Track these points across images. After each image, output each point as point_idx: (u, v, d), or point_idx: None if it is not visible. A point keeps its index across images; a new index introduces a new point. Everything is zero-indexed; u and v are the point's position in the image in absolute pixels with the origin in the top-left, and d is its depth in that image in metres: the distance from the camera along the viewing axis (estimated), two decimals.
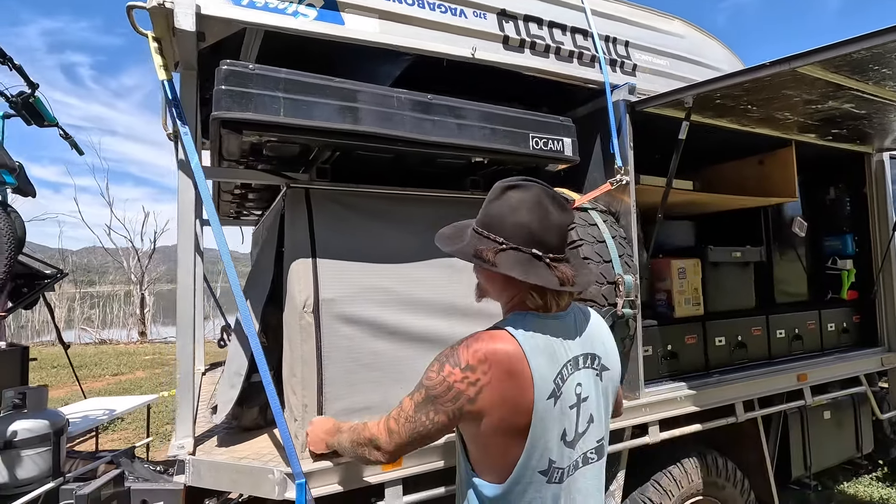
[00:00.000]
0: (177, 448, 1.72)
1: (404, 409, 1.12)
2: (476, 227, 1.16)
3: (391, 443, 1.14)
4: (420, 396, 1.08)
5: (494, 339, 1.04)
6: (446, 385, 1.03)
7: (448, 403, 1.03)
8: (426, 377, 1.08)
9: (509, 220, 1.09)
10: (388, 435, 1.14)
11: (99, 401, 4.90)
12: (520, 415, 1.00)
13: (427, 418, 1.07)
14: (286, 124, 1.59)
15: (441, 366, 1.05)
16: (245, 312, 1.59)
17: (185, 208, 1.80)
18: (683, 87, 2.12)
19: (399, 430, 1.12)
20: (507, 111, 1.99)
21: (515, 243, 1.08)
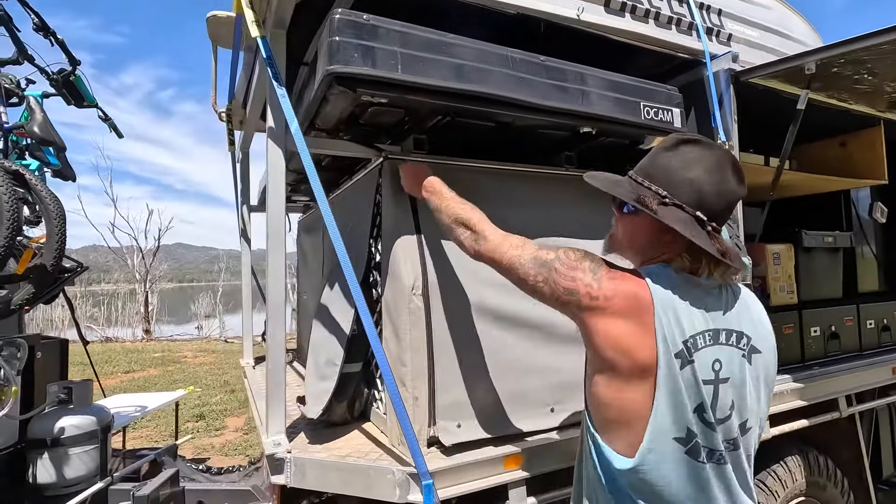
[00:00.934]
0: (273, 445, 1.55)
1: (526, 247, 1.15)
2: (635, 175, 1.07)
3: (489, 244, 1.20)
4: (546, 256, 1.08)
5: (628, 280, 0.98)
6: (572, 275, 1.02)
7: (559, 287, 1.03)
8: (563, 253, 1.06)
9: (679, 175, 1.00)
10: (495, 244, 1.19)
11: (127, 397, 4.72)
12: (639, 360, 0.92)
13: (534, 274, 1.08)
14: (405, 82, 1.42)
15: (582, 259, 1.04)
16: (358, 294, 1.42)
17: (276, 183, 1.63)
18: (805, 52, 1.95)
19: (503, 253, 1.16)
20: (621, 77, 1.82)
21: (680, 200, 0.98)
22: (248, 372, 2.93)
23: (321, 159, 2.28)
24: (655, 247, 1.03)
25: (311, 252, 3.07)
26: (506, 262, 1.14)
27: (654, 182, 1.02)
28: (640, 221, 1.04)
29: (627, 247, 1.10)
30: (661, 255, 1.02)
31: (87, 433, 2.55)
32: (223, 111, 2.81)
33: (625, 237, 1.10)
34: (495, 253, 1.18)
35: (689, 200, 0.98)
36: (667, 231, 0.98)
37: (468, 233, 1.28)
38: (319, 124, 1.70)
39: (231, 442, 5.78)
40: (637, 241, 1.07)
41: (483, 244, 1.22)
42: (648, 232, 1.03)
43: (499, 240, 1.20)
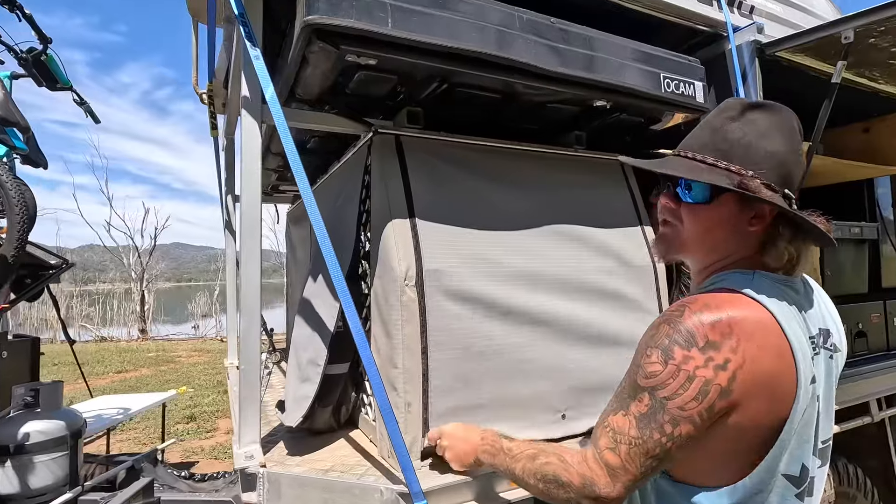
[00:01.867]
0: (244, 458, 1.36)
1: (620, 430, 0.78)
2: (699, 155, 0.85)
3: (618, 484, 0.77)
4: (642, 405, 0.76)
5: (734, 304, 0.76)
6: (684, 376, 0.73)
7: (692, 404, 0.73)
8: (643, 374, 0.77)
9: (760, 148, 0.82)
10: (611, 475, 0.78)
11: (110, 399, 4.52)
12: (778, 402, 0.74)
13: (663, 434, 0.74)
14: (396, 39, 1.22)
15: (664, 351, 0.75)
16: (342, 287, 1.22)
17: (251, 160, 1.43)
18: (842, 19, 1.76)
19: (626, 462, 0.77)
20: (639, 45, 1.63)
21: (767, 178, 0.81)
22: (231, 373, 2.74)
23: (306, 140, 2.09)
24: (731, 240, 0.84)
25: (300, 244, 2.87)
26: (639, 468, 0.76)
27: (732, 161, 0.82)
28: (718, 212, 0.84)
29: (698, 245, 0.88)
30: (737, 250, 0.84)
31: (54, 439, 2.35)
32: (204, 92, 2.61)
33: (694, 234, 0.87)
34: (619, 479, 0.77)
35: (776, 177, 0.81)
36: (749, 219, 0.82)
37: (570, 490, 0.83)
38: (300, 93, 1.51)
39: (222, 444, 5.58)
40: (713, 237, 0.85)
41: (602, 488, 0.79)
42: (729, 223, 0.84)
43: (598, 467, 0.80)
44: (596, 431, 0.82)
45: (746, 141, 0.82)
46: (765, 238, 0.82)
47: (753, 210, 0.82)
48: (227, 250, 2.98)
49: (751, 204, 0.81)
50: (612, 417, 0.80)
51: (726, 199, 0.83)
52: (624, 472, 0.77)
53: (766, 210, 0.81)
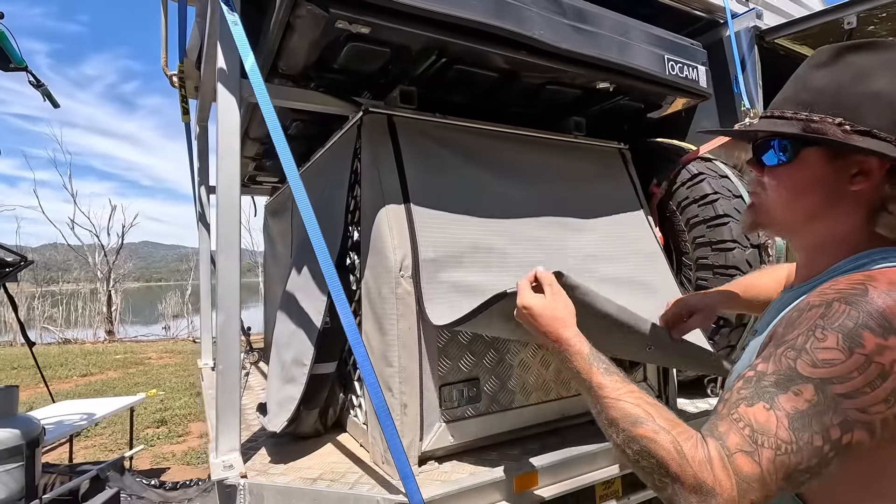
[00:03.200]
0: (222, 468, 1.22)
1: (762, 428, 0.58)
2: (777, 111, 0.71)
3: (752, 495, 0.56)
4: (800, 401, 0.57)
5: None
6: (876, 371, 0.55)
7: (879, 407, 0.54)
8: (810, 360, 0.57)
9: (856, 92, 0.66)
10: (740, 489, 0.57)
11: (73, 404, 4.26)
12: None
13: (826, 441, 0.55)
14: (393, 4, 1.11)
15: (847, 337, 0.56)
16: (333, 278, 1.10)
17: (228, 139, 1.29)
18: (844, 4, 1.72)
19: (767, 474, 0.56)
20: (644, 25, 1.56)
21: (866, 125, 0.64)
22: (205, 374, 2.57)
23: (287, 125, 1.95)
24: (835, 207, 0.69)
25: (280, 238, 2.72)
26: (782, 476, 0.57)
27: (815, 110, 0.68)
28: (804, 171, 0.70)
29: (788, 214, 0.73)
30: (850, 222, 0.68)
31: (7, 449, 2.15)
32: (174, 74, 2.43)
33: (782, 199, 0.72)
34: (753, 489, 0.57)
35: (880, 123, 0.65)
36: (850, 177, 0.67)
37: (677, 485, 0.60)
38: (283, 68, 1.38)
39: (194, 449, 5.33)
40: (805, 201, 0.70)
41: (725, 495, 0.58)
42: (821, 183, 0.69)
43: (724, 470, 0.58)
44: (718, 422, 0.61)
45: (836, 85, 0.68)
46: (876, 201, 0.66)
47: (854, 165, 0.66)
48: (200, 245, 2.80)
49: (846, 157, 0.66)
50: (745, 408, 0.59)
51: (810, 154, 0.68)
52: (760, 486, 0.57)
53: (871, 164, 0.64)
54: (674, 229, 1.86)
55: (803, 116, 0.68)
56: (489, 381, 1.39)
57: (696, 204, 1.77)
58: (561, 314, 0.83)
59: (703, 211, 1.74)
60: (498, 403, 1.40)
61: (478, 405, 1.37)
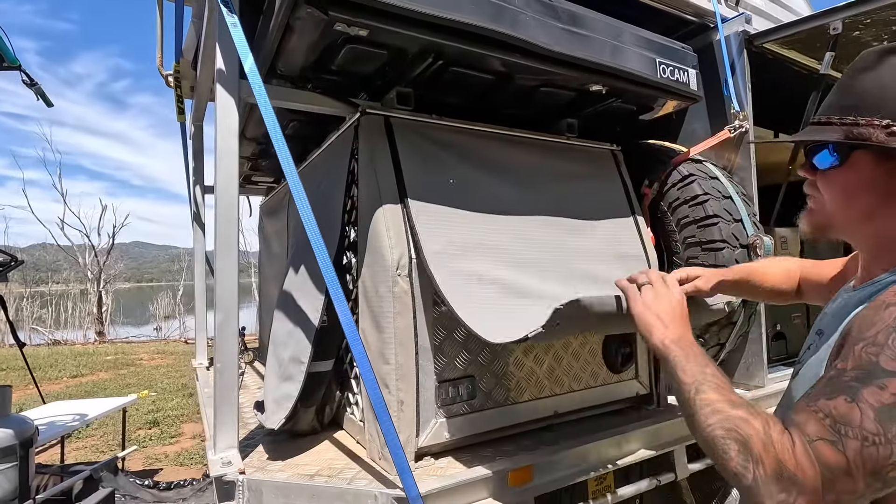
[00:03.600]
0: (221, 464, 1.24)
1: (844, 419, 0.56)
2: (826, 117, 0.73)
3: (830, 497, 0.55)
4: (885, 395, 0.55)
5: None
6: None
7: None
8: (891, 356, 0.56)
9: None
10: (825, 480, 0.56)
11: (64, 405, 4.23)
12: None
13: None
14: (390, 7, 1.13)
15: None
16: (332, 276, 1.12)
17: (227, 139, 1.31)
18: (830, 10, 1.77)
19: (854, 466, 0.54)
20: (636, 29, 1.59)
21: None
22: (200, 374, 2.57)
23: (284, 125, 1.96)
24: (891, 205, 0.70)
25: (275, 238, 2.73)
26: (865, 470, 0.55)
27: (861, 114, 0.69)
28: (856, 173, 0.71)
29: (846, 216, 0.74)
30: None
31: (1, 449, 2.15)
32: (170, 74, 2.44)
33: (837, 202, 0.74)
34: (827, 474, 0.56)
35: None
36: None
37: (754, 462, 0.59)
38: (282, 69, 1.40)
39: (187, 450, 5.31)
40: (860, 202, 0.72)
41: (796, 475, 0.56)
42: (875, 184, 0.70)
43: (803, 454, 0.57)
44: (793, 415, 0.60)
45: (879, 89, 0.69)
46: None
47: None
48: (194, 245, 2.80)
49: (892, 157, 0.67)
50: (825, 402, 0.57)
51: (860, 157, 0.70)
52: (846, 478, 0.54)
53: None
54: (665, 229, 1.89)
55: (848, 121, 0.69)
56: (484, 378, 1.41)
57: (686, 205, 1.80)
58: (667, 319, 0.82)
59: (694, 211, 1.78)
60: (493, 400, 1.42)
61: (473, 402, 1.39)
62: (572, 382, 1.57)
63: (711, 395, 0.66)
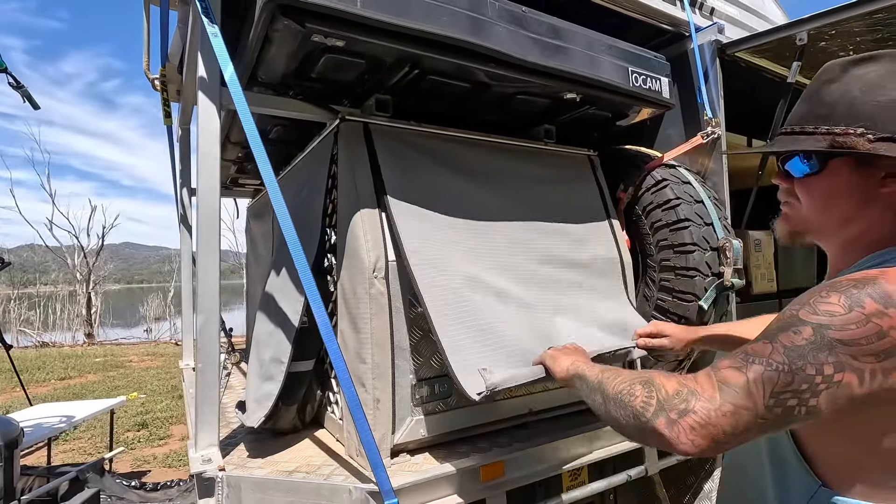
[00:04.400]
0: (201, 462, 1.27)
1: (757, 352, 0.62)
2: (800, 126, 0.76)
3: (727, 406, 0.59)
4: (798, 338, 0.60)
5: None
6: (873, 329, 0.58)
7: (869, 359, 0.58)
8: (812, 310, 0.61)
9: (870, 101, 0.71)
10: (721, 391, 0.60)
11: (51, 407, 4.22)
12: None
13: (820, 372, 0.58)
14: (365, 20, 1.17)
15: (850, 298, 0.60)
16: (308, 278, 1.16)
17: (209, 144, 1.34)
18: (797, 21, 1.84)
19: (753, 385, 0.59)
20: (609, 39, 1.64)
21: (889, 131, 0.69)
22: (186, 375, 2.60)
23: (268, 129, 2.00)
24: (866, 209, 0.73)
25: (261, 240, 2.76)
26: (760, 395, 0.60)
27: (835, 124, 0.72)
28: (834, 180, 0.74)
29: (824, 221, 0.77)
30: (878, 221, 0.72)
31: None
32: (156, 78, 2.46)
33: (816, 208, 0.77)
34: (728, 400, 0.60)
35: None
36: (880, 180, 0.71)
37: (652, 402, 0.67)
38: (262, 77, 1.43)
39: (176, 452, 5.31)
40: (838, 208, 0.75)
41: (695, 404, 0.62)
42: (853, 190, 0.73)
43: (708, 379, 0.64)
44: (717, 364, 0.65)
45: (850, 98, 0.72)
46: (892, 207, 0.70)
47: (882, 169, 0.70)
48: (182, 247, 2.82)
49: (871, 163, 0.70)
50: (746, 346, 0.63)
51: (838, 164, 0.73)
52: (745, 394, 0.58)
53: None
54: (640, 233, 1.95)
55: (825, 130, 0.73)
56: None
57: (659, 209, 1.86)
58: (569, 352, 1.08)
59: (666, 215, 1.84)
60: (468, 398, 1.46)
61: (449, 400, 1.43)
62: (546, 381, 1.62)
63: (618, 373, 0.78)
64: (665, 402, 0.64)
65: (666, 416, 0.63)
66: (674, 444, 0.62)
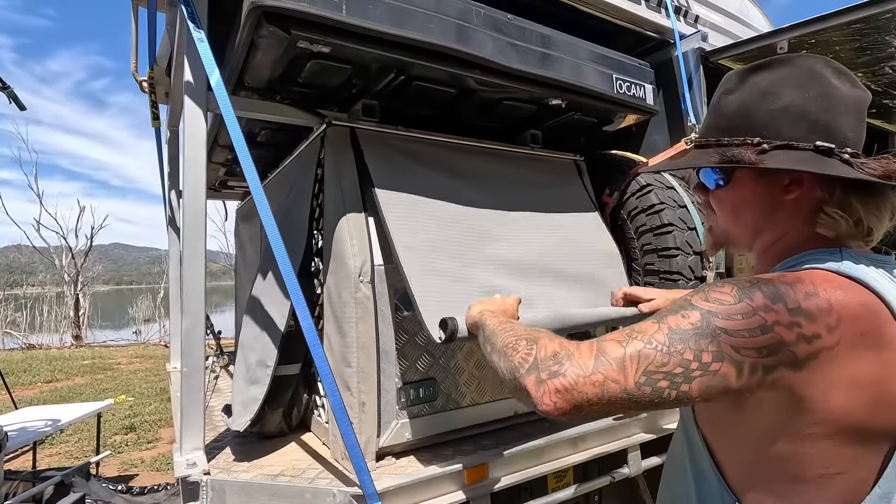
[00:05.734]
0: (186, 466, 1.27)
1: (641, 330, 0.62)
2: (704, 139, 0.77)
3: (598, 375, 0.59)
4: (685, 321, 0.60)
5: (846, 290, 0.60)
6: (758, 322, 0.58)
7: (751, 353, 0.57)
8: (703, 297, 0.62)
9: (764, 110, 0.71)
10: (597, 359, 0.60)
11: (36, 410, 4.17)
12: (888, 413, 0.58)
13: (697, 359, 0.58)
14: (350, 27, 1.18)
15: (742, 290, 0.60)
16: (293, 283, 1.17)
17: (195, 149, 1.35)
18: (778, 30, 1.87)
19: (628, 361, 0.59)
20: (594, 46, 1.67)
21: (783, 139, 0.68)
22: (174, 378, 2.58)
23: (256, 132, 2.01)
24: (774, 216, 0.73)
25: (249, 243, 2.76)
26: (632, 371, 0.59)
27: (733, 134, 0.73)
28: (739, 191, 0.75)
29: (737, 230, 0.78)
30: (788, 226, 0.72)
31: None
32: (144, 80, 2.45)
33: (728, 219, 0.78)
34: (597, 370, 0.60)
35: (796, 134, 0.68)
36: (784, 187, 0.70)
37: (529, 359, 0.67)
38: (249, 81, 1.44)
39: (164, 455, 5.27)
40: (747, 217, 0.76)
41: (566, 369, 0.62)
42: (758, 200, 0.74)
43: (588, 349, 0.63)
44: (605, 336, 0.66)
45: (744, 109, 0.72)
46: (812, 204, 0.69)
47: (785, 176, 0.70)
48: (170, 249, 2.82)
49: (772, 172, 0.70)
50: (641, 324, 0.63)
51: (742, 175, 0.74)
52: (618, 367, 0.59)
53: (800, 174, 0.68)
54: (625, 237, 1.97)
55: (724, 143, 0.73)
56: (445, 380, 1.47)
57: (644, 213, 1.89)
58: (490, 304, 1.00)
59: (651, 220, 1.86)
60: (453, 401, 1.48)
61: (434, 403, 1.44)
62: None
63: (513, 327, 0.80)
64: (540, 361, 0.64)
65: (536, 375, 0.63)
66: (537, 403, 0.62)
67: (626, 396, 0.59)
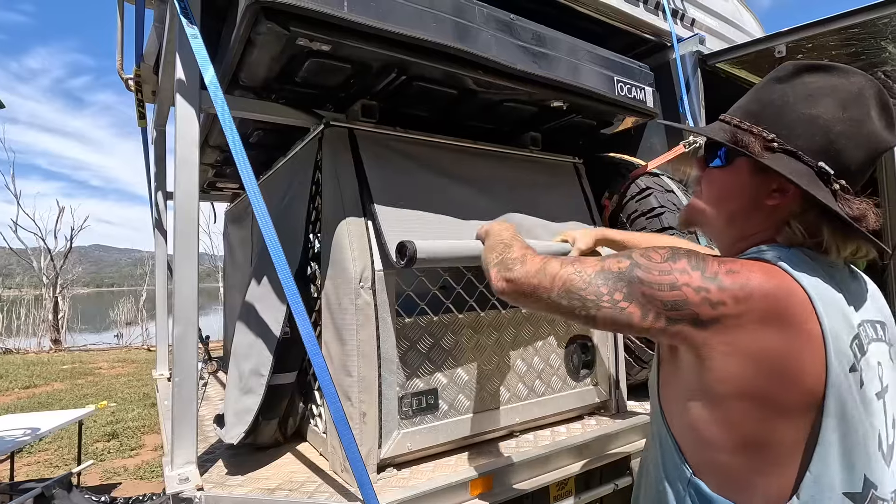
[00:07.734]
0: (178, 481, 1.21)
1: (587, 262, 0.76)
2: (729, 117, 0.76)
3: (528, 274, 0.81)
4: (617, 265, 0.73)
5: (760, 271, 0.65)
6: (671, 280, 0.67)
7: (655, 302, 0.68)
8: (642, 252, 0.73)
9: (797, 111, 0.70)
10: (539, 266, 0.80)
11: (13, 418, 4.03)
12: (803, 384, 0.62)
13: (611, 295, 0.71)
14: (351, 24, 1.14)
15: (673, 253, 0.70)
16: (291, 288, 1.12)
17: (187, 149, 1.29)
18: (776, 34, 1.88)
19: (563, 272, 0.76)
20: (595, 48, 1.65)
21: (795, 146, 0.69)
22: (160, 385, 2.51)
23: (248, 133, 1.95)
24: (751, 214, 0.74)
25: (240, 246, 2.69)
26: (557, 286, 0.75)
27: (759, 122, 0.72)
28: (733, 177, 0.75)
29: (713, 214, 0.79)
30: (759, 229, 0.74)
31: None
32: (130, 78, 2.37)
33: (711, 200, 0.79)
34: (536, 276, 0.79)
35: (810, 146, 0.69)
36: (770, 191, 0.71)
37: (501, 254, 0.89)
38: (244, 80, 1.39)
39: (148, 463, 5.14)
40: (728, 205, 0.76)
41: (517, 268, 0.83)
42: (744, 192, 0.74)
43: (539, 262, 0.81)
44: None
45: (781, 102, 0.71)
46: (785, 216, 0.71)
47: (774, 181, 0.70)
48: (156, 251, 2.74)
49: (766, 171, 0.70)
50: (583, 258, 0.81)
51: (741, 163, 0.74)
52: (548, 279, 0.77)
53: (788, 185, 0.69)
54: None
55: (746, 125, 0.73)
56: (447, 389, 1.43)
57: (643, 216, 1.87)
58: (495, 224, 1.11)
59: (650, 223, 1.85)
60: (455, 410, 1.44)
61: (436, 412, 1.40)
62: (533, 392, 1.61)
63: (517, 239, 0.96)
64: (508, 260, 0.86)
65: (499, 267, 0.87)
66: (491, 283, 0.88)
67: (549, 303, 0.77)
